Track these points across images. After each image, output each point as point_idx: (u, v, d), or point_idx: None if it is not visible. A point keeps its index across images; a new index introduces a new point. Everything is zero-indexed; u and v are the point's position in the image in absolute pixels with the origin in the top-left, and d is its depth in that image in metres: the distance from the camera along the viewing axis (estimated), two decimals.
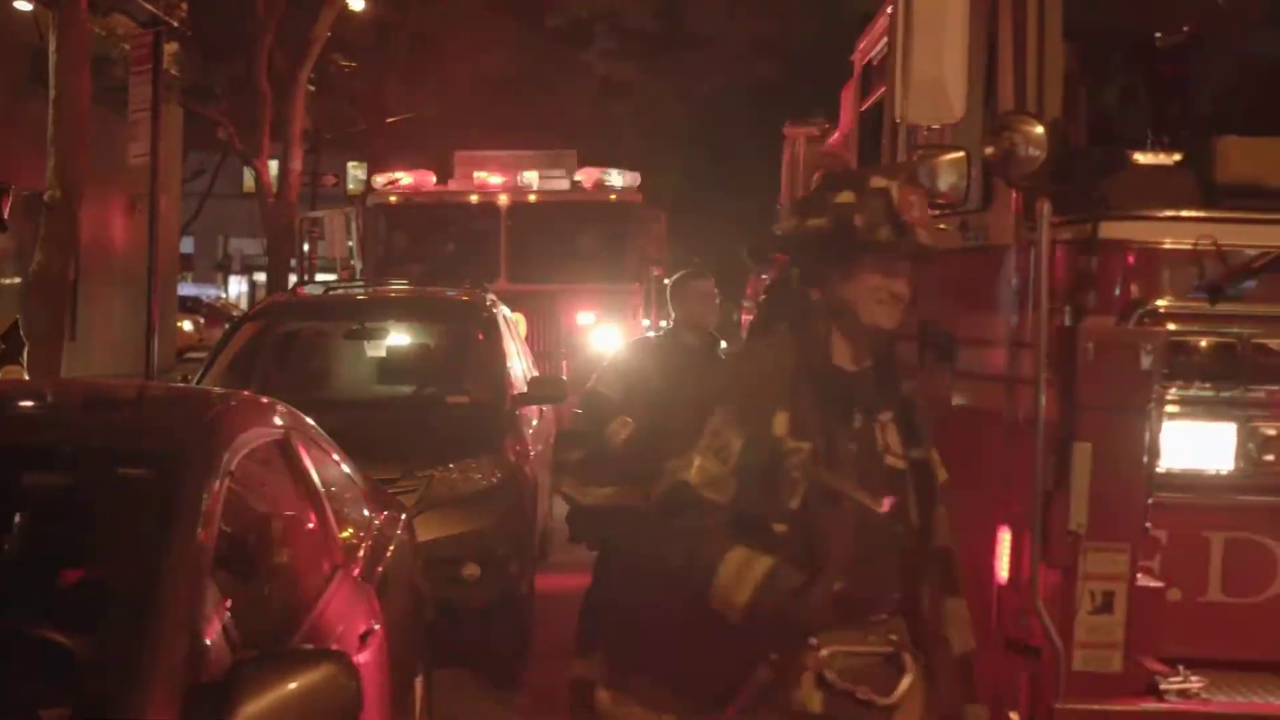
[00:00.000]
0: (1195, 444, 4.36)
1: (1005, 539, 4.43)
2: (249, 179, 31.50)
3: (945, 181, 4.54)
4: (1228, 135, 4.46)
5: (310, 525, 4.27)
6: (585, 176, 15.88)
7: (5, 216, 7.44)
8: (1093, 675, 4.08)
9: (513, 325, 10.27)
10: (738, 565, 3.17)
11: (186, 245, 43.30)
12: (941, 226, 4.45)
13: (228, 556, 3.58)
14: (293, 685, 2.94)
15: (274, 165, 23.90)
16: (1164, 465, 4.29)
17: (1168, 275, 4.32)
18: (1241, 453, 4.35)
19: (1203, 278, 4.25)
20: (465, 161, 16.52)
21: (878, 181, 3.25)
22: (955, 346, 4.85)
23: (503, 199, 15.42)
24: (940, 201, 4.55)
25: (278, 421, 4.30)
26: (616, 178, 15.94)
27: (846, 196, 3.25)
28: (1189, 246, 4.26)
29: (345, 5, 23.43)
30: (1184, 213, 4.32)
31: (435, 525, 7.25)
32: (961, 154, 4.57)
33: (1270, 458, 4.35)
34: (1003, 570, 4.44)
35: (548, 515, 10.01)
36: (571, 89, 30.28)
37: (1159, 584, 4.26)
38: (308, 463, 4.38)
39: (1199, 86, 5.28)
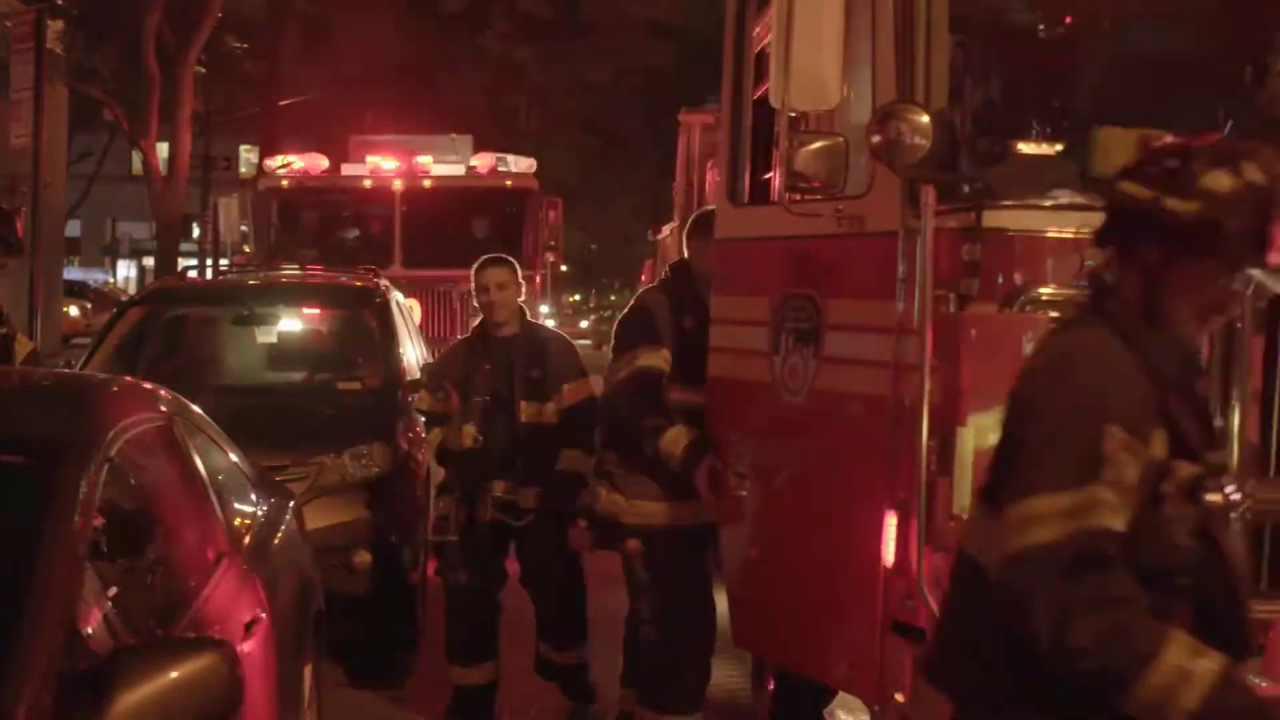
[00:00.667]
0: None
1: (891, 523, 4.48)
2: (138, 162, 30.95)
3: (822, 168, 4.59)
4: (1107, 126, 4.55)
5: (194, 513, 4.21)
6: (481, 162, 15.80)
7: (20, 236, 7.14)
8: None
9: (407, 311, 10.20)
10: (1183, 658, 2.45)
11: (73, 229, 42.45)
12: None
13: (109, 545, 3.52)
14: (173, 674, 2.90)
15: (164, 148, 23.50)
16: None
17: (1050, 263, 4.39)
18: None
19: (1083, 265, 4.33)
20: (359, 145, 16.36)
21: (1253, 172, 2.62)
22: (821, 332, 4.91)
23: (397, 184, 15.29)
24: (814, 186, 4.60)
25: (161, 408, 4.23)
26: (512, 163, 15.89)
27: (1219, 181, 2.61)
28: (1070, 235, 4.33)
29: None
30: (1064, 201, 4.39)
31: (325, 513, 7.18)
32: (839, 140, 4.62)
33: None
34: (889, 554, 4.50)
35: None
36: (467, 73, 30.11)
37: None
38: (191, 450, 4.32)
39: (1080, 78, 5.38)
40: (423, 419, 6.86)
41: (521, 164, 15.94)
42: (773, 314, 5.15)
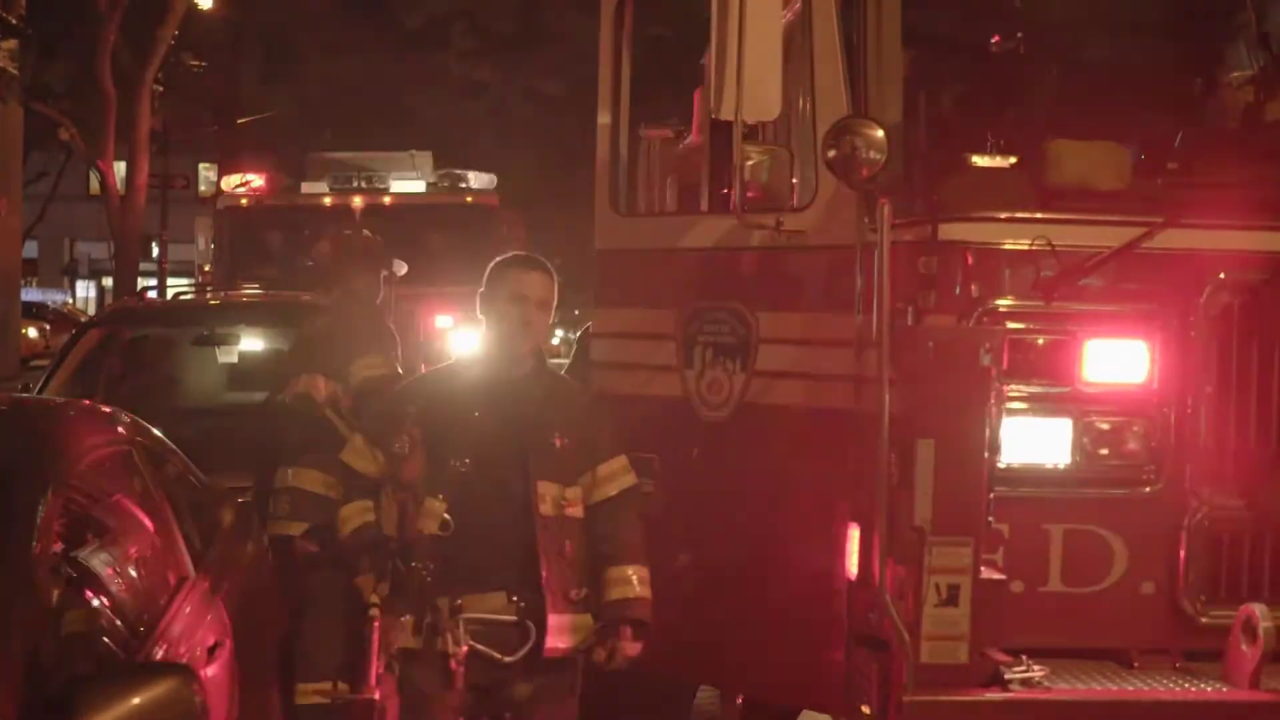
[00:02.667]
0: (1034, 439, 4.49)
1: (854, 536, 4.51)
2: (96, 181, 30.78)
3: (771, 180, 4.63)
4: (1060, 139, 4.60)
5: (155, 537, 4.19)
6: (441, 178, 15.79)
7: None
8: (940, 667, 4.16)
9: None
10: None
11: (30, 249, 42.07)
12: None
13: (69, 570, 3.50)
14: (135, 700, 2.90)
15: (121, 167, 23.36)
16: (1004, 461, 4.40)
17: (1005, 275, 4.44)
18: (1078, 447, 4.49)
19: (1039, 277, 4.38)
20: (319, 163, 16.31)
21: None
22: (751, 346, 4.91)
23: (357, 201, 15.25)
24: (762, 199, 4.63)
25: (120, 431, 4.21)
26: (473, 179, 15.89)
27: None
28: (1025, 247, 4.38)
29: (193, 3, 22.98)
30: (1020, 214, 4.44)
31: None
32: (786, 152, 4.66)
33: (1105, 451, 4.49)
34: (852, 567, 4.52)
35: None
36: (428, 90, 30.09)
37: (1002, 576, 4.36)
38: (151, 473, 4.30)
39: (1033, 91, 5.43)
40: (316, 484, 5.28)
41: (482, 180, 15.94)
42: (682, 327, 5.09)
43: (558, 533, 4.13)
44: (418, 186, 15.75)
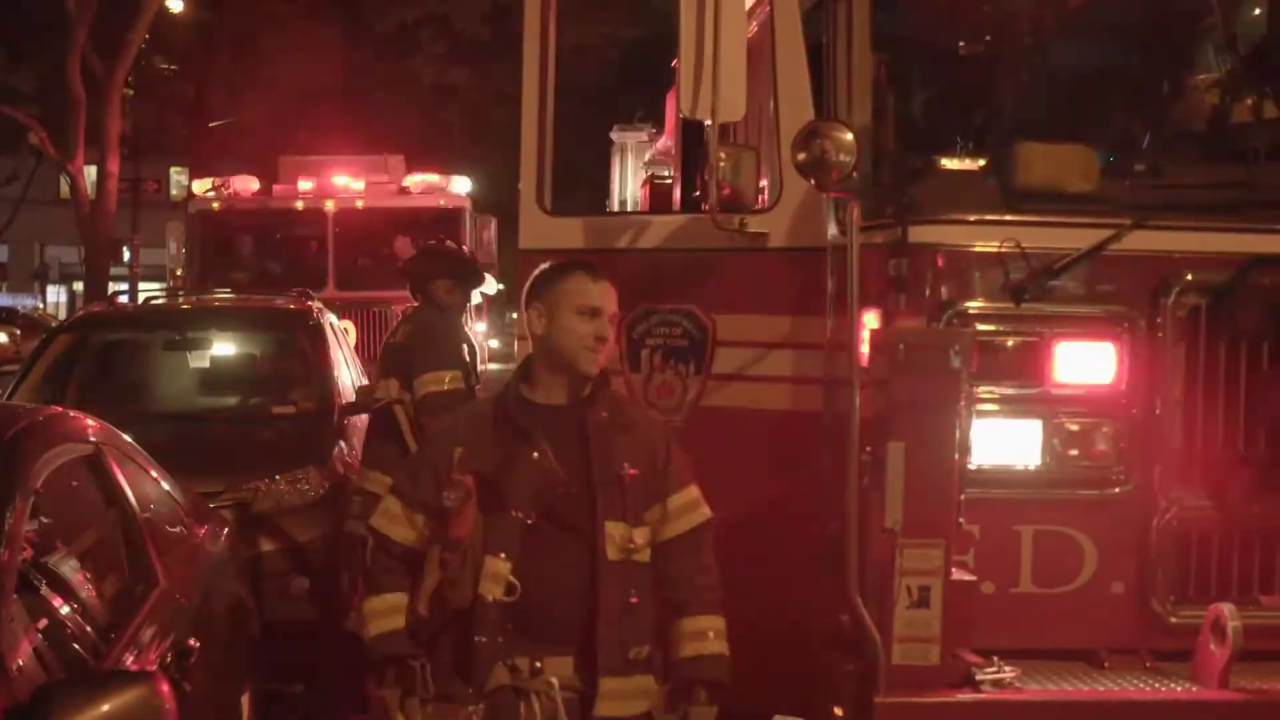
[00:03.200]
0: (1004, 441, 4.51)
1: (824, 538, 4.51)
2: (66, 185, 30.61)
3: (741, 183, 4.63)
4: (1028, 141, 4.63)
5: (124, 542, 4.17)
6: (413, 182, 15.76)
7: None
8: (911, 668, 4.17)
9: (341, 333, 10.15)
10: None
11: (0, 254, 41.78)
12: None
13: (37, 577, 3.48)
14: (104, 707, 2.89)
15: (91, 171, 23.24)
16: (975, 462, 4.42)
17: (975, 277, 4.46)
18: (1048, 448, 4.51)
19: (1008, 279, 4.40)
20: (291, 167, 16.27)
21: None
22: (708, 349, 4.90)
23: (329, 205, 15.22)
24: (729, 201, 4.62)
25: (89, 437, 4.19)
26: (445, 183, 15.86)
27: None
28: (994, 249, 4.40)
29: (163, 5, 22.87)
30: (989, 216, 4.46)
31: (262, 539, 7.13)
32: (754, 152, 4.67)
33: (1074, 452, 4.52)
34: (823, 569, 4.53)
35: None
36: (400, 93, 30.01)
37: (973, 577, 4.38)
38: (121, 479, 4.28)
39: (1001, 94, 5.45)
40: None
41: (455, 183, 15.92)
42: (625, 330, 5.06)
43: (622, 581, 3.52)
44: (390, 190, 15.71)
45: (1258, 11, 5.47)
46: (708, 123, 4.54)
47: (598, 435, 3.58)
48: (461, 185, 15.95)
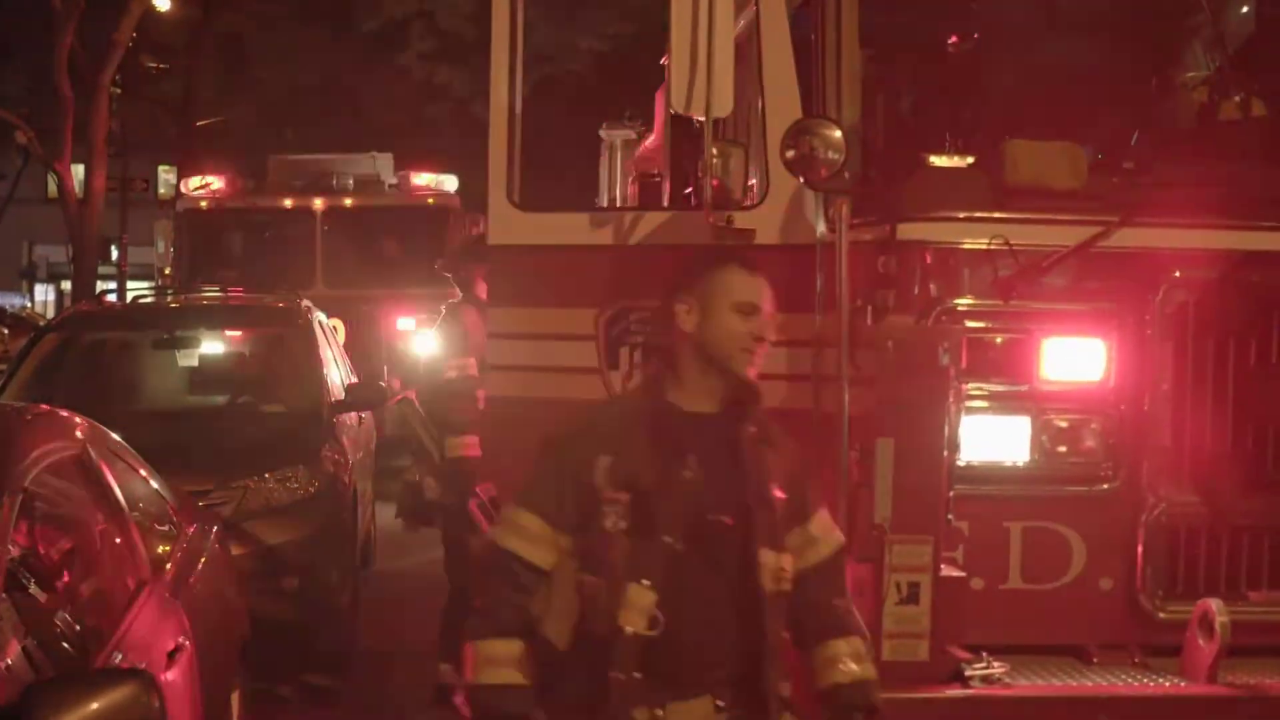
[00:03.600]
0: (993, 438, 4.52)
1: None
2: (54, 184, 30.54)
3: (730, 179, 4.64)
4: (1017, 139, 4.64)
5: (113, 541, 4.16)
6: (402, 179, 15.74)
7: None
8: (901, 664, 4.18)
9: (330, 331, 10.14)
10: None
11: None
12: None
13: (25, 576, 3.48)
14: (94, 706, 2.89)
15: (79, 170, 23.18)
16: (964, 459, 4.43)
17: (964, 274, 4.47)
18: (1036, 445, 4.52)
19: (996, 276, 4.41)
20: (279, 165, 16.22)
21: None
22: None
23: (318, 203, 15.18)
24: (718, 198, 4.62)
25: (77, 435, 4.18)
26: (434, 181, 15.83)
27: None
28: (983, 246, 4.41)
29: (150, 4, 22.80)
30: (978, 214, 4.47)
31: (251, 537, 7.12)
32: (743, 149, 4.67)
33: (1063, 449, 4.53)
34: None
35: (370, 523, 9.90)
36: (388, 92, 29.97)
37: (962, 574, 4.39)
38: (109, 477, 4.27)
39: (990, 91, 5.46)
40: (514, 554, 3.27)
41: (444, 181, 15.89)
42: (605, 327, 5.04)
43: (777, 614, 3.20)
44: (379, 188, 15.68)
45: (1245, 10, 5.49)
46: (699, 119, 4.54)
47: (751, 451, 3.21)
48: (450, 183, 15.92)
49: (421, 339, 14.22)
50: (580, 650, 3.11)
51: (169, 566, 4.58)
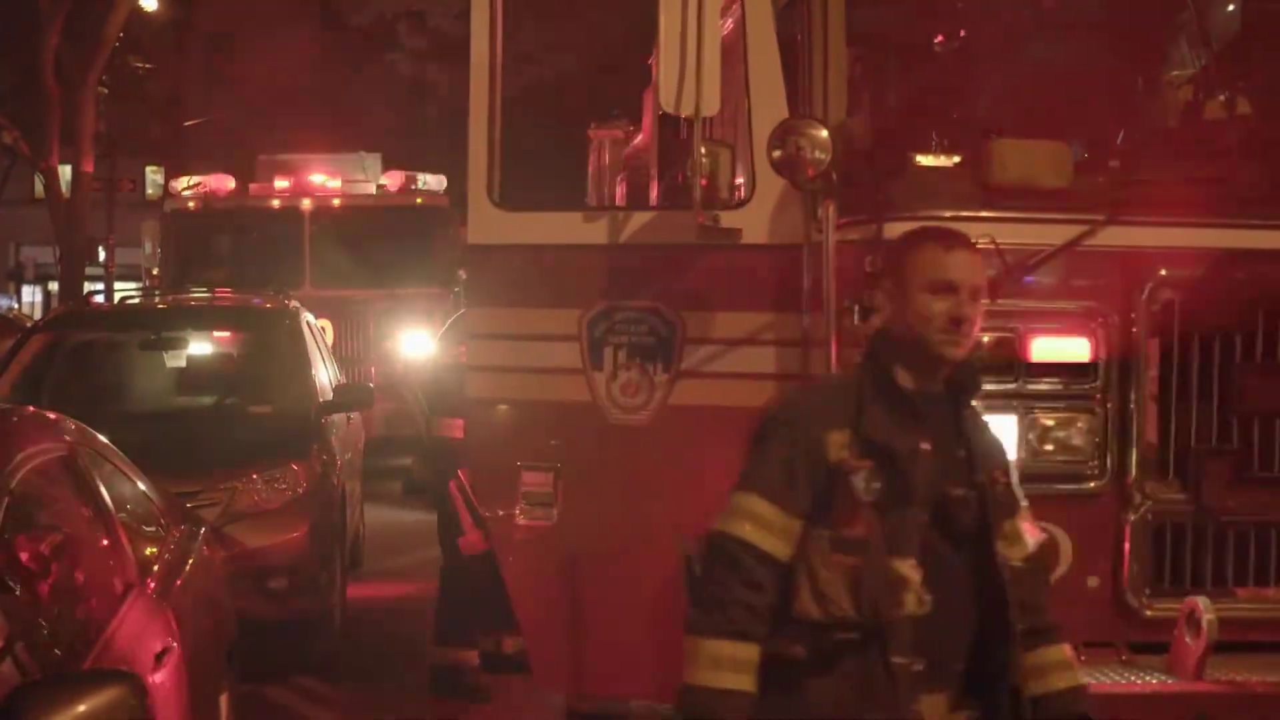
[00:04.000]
0: None
1: None
2: (40, 185, 30.46)
3: (718, 179, 4.64)
4: (1003, 138, 4.64)
5: (100, 543, 4.16)
6: (391, 180, 15.72)
7: None
8: None
9: (318, 332, 10.13)
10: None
11: None
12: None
13: (12, 578, 3.47)
14: (81, 708, 2.88)
15: (66, 170, 23.12)
16: None
17: None
18: (1023, 443, 4.53)
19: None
20: (267, 165, 16.20)
21: None
22: (676, 346, 4.88)
23: (306, 203, 15.16)
24: (706, 197, 4.62)
25: (64, 437, 4.18)
26: (423, 180, 15.82)
27: None
28: None
29: (137, 3, 22.74)
30: (964, 212, 4.47)
31: (240, 538, 7.12)
32: (730, 149, 4.67)
33: (1049, 447, 4.54)
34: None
35: (359, 523, 9.90)
36: (376, 91, 29.94)
37: None
38: (96, 479, 4.26)
39: (976, 90, 5.47)
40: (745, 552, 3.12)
41: (432, 181, 15.88)
42: (587, 327, 5.00)
43: (1017, 603, 3.06)
44: (367, 188, 15.67)
45: (1230, 8, 5.50)
46: (687, 118, 4.54)
47: (975, 432, 3.12)
48: (439, 183, 15.91)
49: (413, 339, 14.27)
50: (840, 641, 2.93)
51: (156, 568, 4.57)
